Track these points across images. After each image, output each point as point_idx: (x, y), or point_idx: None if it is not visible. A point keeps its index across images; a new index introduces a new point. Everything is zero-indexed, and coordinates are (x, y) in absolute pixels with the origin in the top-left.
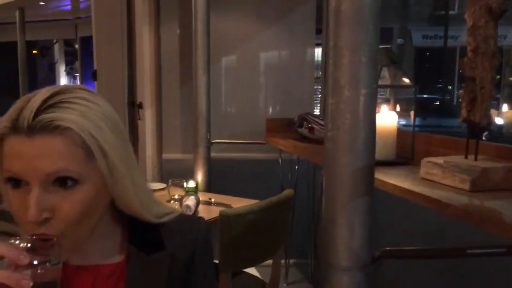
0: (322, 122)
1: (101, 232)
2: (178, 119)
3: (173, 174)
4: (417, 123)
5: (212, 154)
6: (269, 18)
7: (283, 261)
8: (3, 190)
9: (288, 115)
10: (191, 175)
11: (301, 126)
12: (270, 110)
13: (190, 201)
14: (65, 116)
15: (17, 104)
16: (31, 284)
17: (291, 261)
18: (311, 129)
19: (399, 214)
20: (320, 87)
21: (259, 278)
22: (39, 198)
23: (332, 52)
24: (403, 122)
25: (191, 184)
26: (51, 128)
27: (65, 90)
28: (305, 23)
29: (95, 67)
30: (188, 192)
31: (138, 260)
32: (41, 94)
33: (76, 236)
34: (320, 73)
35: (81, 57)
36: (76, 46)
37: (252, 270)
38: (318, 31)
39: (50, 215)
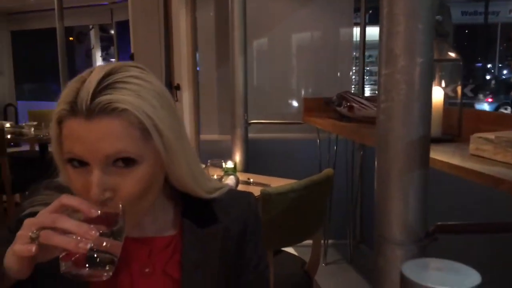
0: (362, 101)
1: (157, 207)
2: (215, 100)
3: (211, 155)
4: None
5: (250, 135)
6: None
7: (322, 241)
8: (61, 166)
9: (325, 95)
10: (228, 156)
11: (340, 105)
12: (307, 90)
13: (230, 180)
14: (121, 98)
15: (72, 85)
16: (98, 233)
17: (330, 241)
18: (351, 108)
19: (439, 191)
20: (357, 68)
21: (299, 257)
22: (101, 178)
23: (386, 19)
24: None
25: (230, 164)
26: (109, 111)
27: (118, 68)
28: (343, 2)
29: (132, 51)
30: (227, 172)
31: (192, 233)
32: (96, 74)
33: (136, 212)
34: (358, 53)
35: (117, 41)
36: (112, 32)
37: (290, 250)
38: (356, 10)
39: (111, 194)
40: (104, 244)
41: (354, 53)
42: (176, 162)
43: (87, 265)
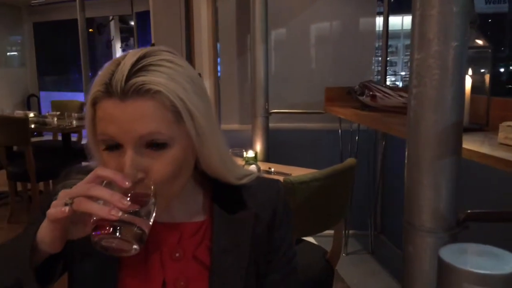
0: (385, 90)
1: (186, 192)
2: (235, 90)
3: (231, 144)
4: None
5: (270, 124)
6: None
7: (343, 231)
8: (94, 149)
9: (346, 85)
10: (249, 146)
11: (362, 94)
12: (329, 79)
13: (251, 169)
14: (155, 79)
15: (107, 68)
16: (129, 203)
17: (350, 231)
18: (374, 97)
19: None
20: (380, 58)
21: (320, 246)
22: (133, 159)
23: (420, 2)
24: None
25: (251, 154)
26: (143, 92)
27: (151, 52)
28: None
29: (152, 41)
30: (248, 161)
31: (222, 218)
32: (130, 57)
33: (166, 195)
34: (381, 43)
35: (137, 32)
36: (131, 23)
37: (310, 240)
38: None
39: (144, 175)
40: (134, 218)
41: (376, 43)
42: (207, 147)
43: (117, 235)
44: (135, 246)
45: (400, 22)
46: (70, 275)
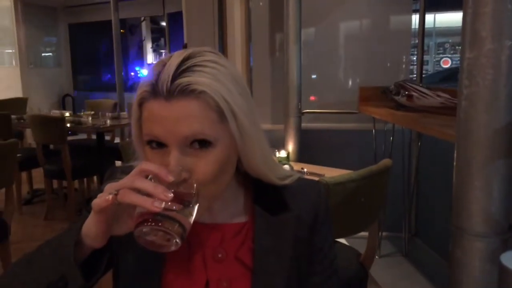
0: (421, 89)
1: (228, 193)
2: (268, 90)
3: None
4: None
5: (302, 124)
6: None
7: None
8: (139, 149)
9: (380, 84)
10: (281, 145)
11: (398, 93)
12: (362, 79)
13: None
14: (200, 80)
15: (154, 69)
16: (172, 196)
17: (384, 234)
18: (410, 97)
19: None
20: (415, 57)
21: (353, 248)
22: (178, 159)
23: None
24: None
25: (283, 154)
26: (188, 92)
27: (196, 53)
28: None
29: (185, 41)
30: (280, 161)
31: (264, 220)
32: (175, 58)
33: (208, 195)
34: (417, 41)
35: (169, 32)
36: (162, 23)
37: (343, 242)
38: None
39: (187, 175)
40: (176, 214)
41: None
42: (250, 147)
43: (159, 227)
44: (176, 240)
45: (432, 20)
46: (115, 273)
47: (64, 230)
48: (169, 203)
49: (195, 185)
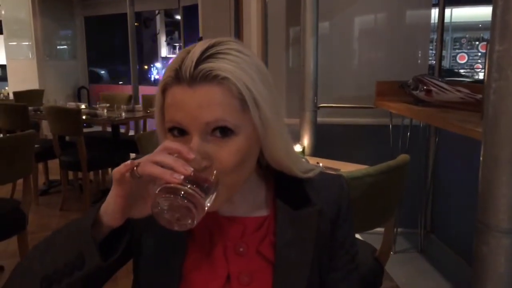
0: (441, 84)
1: (249, 186)
2: (284, 83)
3: None
4: None
5: (318, 118)
6: None
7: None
8: (161, 138)
9: (397, 78)
10: (296, 140)
11: (416, 88)
12: (379, 73)
13: None
14: (223, 66)
15: (179, 56)
16: (191, 170)
17: (399, 229)
18: (428, 92)
19: None
20: (434, 51)
21: (369, 243)
22: (199, 146)
23: None
24: None
25: (298, 148)
26: (211, 78)
27: (220, 42)
28: None
29: (200, 34)
30: None
31: (286, 214)
32: (200, 46)
33: (230, 185)
34: (436, 36)
35: (184, 26)
36: (177, 17)
37: (358, 237)
38: None
39: (209, 163)
40: (194, 194)
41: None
42: (272, 138)
43: (178, 201)
44: (189, 221)
45: (449, 15)
46: (135, 264)
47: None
48: (188, 185)
49: (215, 172)
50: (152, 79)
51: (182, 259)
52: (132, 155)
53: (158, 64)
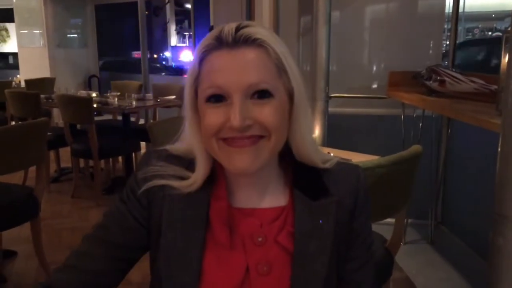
0: (455, 74)
1: (268, 177)
2: None
3: None
4: None
5: (329, 108)
6: None
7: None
8: (190, 112)
9: (410, 69)
10: None
11: (429, 79)
12: (392, 63)
13: None
14: (261, 31)
15: (214, 30)
16: None
17: (409, 220)
18: (442, 82)
19: None
20: (448, 42)
21: (379, 234)
22: (242, 107)
23: None
24: None
25: None
26: (251, 41)
27: (249, 22)
28: None
29: (211, 23)
30: None
31: (304, 204)
32: (232, 23)
33: (271, 146)
34: (450, 25)
35: (194, 15)
36: (186, 5)
37: None
38: None
39: (251, 122)
40: None
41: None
42: (300, 112)
43: None
44: None
45: (461, 4)
46: (153, 261)
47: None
48: None
49: (258, 133)
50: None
51: (202, 253)
52: (143, 143)
53: (168, 53)
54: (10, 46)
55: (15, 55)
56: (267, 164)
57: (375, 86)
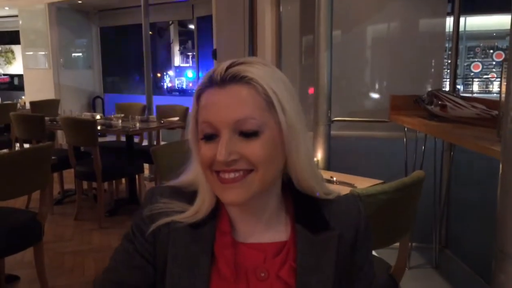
0: (456, 99)
1: (270, 212)
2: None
3: None
4: None
5: (331, 132)
6: None
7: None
8: (193, 145)
9: (413, 91)
10: None
11: (431, 103)
12: (393, 86)
13: None
14: (250, 69)
15: (211, 69)
16: None
17: (413, 244)
18: (443, 107)
19: None
20: (449, 60)
21: (383, 260)
22: (228, 142)
23: None
24: None
25: None
26: (239, 78)
27: (247, 58)
28: None
29: (214, 46)
30: None
31: (305, 239)
32: (228, 61)
33: (259, 178)
34: (451, 44)
35: (197, 36)
36: (190, 26)
37: (372, 253)
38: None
39: (237, 157)
40: None
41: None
42: (296, 144)
43: None
44: None
45: (462, 23)
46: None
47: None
48: None
49: (243, 167)
50: (165, 87)
51: (206, 286)
52: (146, 165)
53: (171, 72)
54: (16, 67)
55: (20, 76)
56: (262, 195)
57: (377, 108)
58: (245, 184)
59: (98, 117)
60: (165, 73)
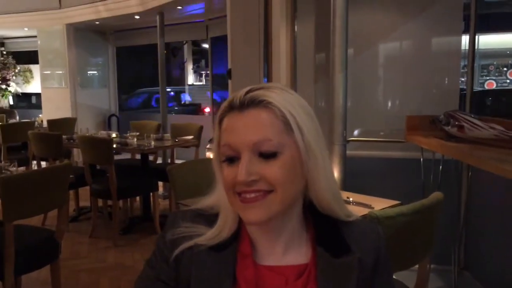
0: (473, 120)
1: (292, 235)
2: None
3: None
4: None
5: (347, 152)
6: (409, 9)
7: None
8: (217, 169)
9: (430, 110)
10: None
11: (447, 124)
12: (409, 106)
13: None
14: (268, 94)
15: (230, 95)
16: None
17: (431, 266)
18: (461, 128)
19: None
20: (465, 78)
21: (402, 283)
22: (248, 163)
23: None
24: None
25: None
26: (257, 102)
27: (264, 84)
28: (451, 9)
29: (229, 66)
30: None
31: (326, 262)
32: (248, 86)
33: (280, 198)
34: (466, 62)
35: (211, 56)
36: (203, 45)
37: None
38: (465, 17)
39: (257, 177)
40: None
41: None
42: (314, 165)
43: None
44: None
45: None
46: None
47: None
48: None
49: (264, 187)
50: (178, 104)
51: None
52: (160, 183)
53: (185, 91)
54: (34, 86)
55: (38, 95)
56: (283, 216)
57: (393, 128)
58: (265, 204)
59: (114, 135)
60: (179, 92)
